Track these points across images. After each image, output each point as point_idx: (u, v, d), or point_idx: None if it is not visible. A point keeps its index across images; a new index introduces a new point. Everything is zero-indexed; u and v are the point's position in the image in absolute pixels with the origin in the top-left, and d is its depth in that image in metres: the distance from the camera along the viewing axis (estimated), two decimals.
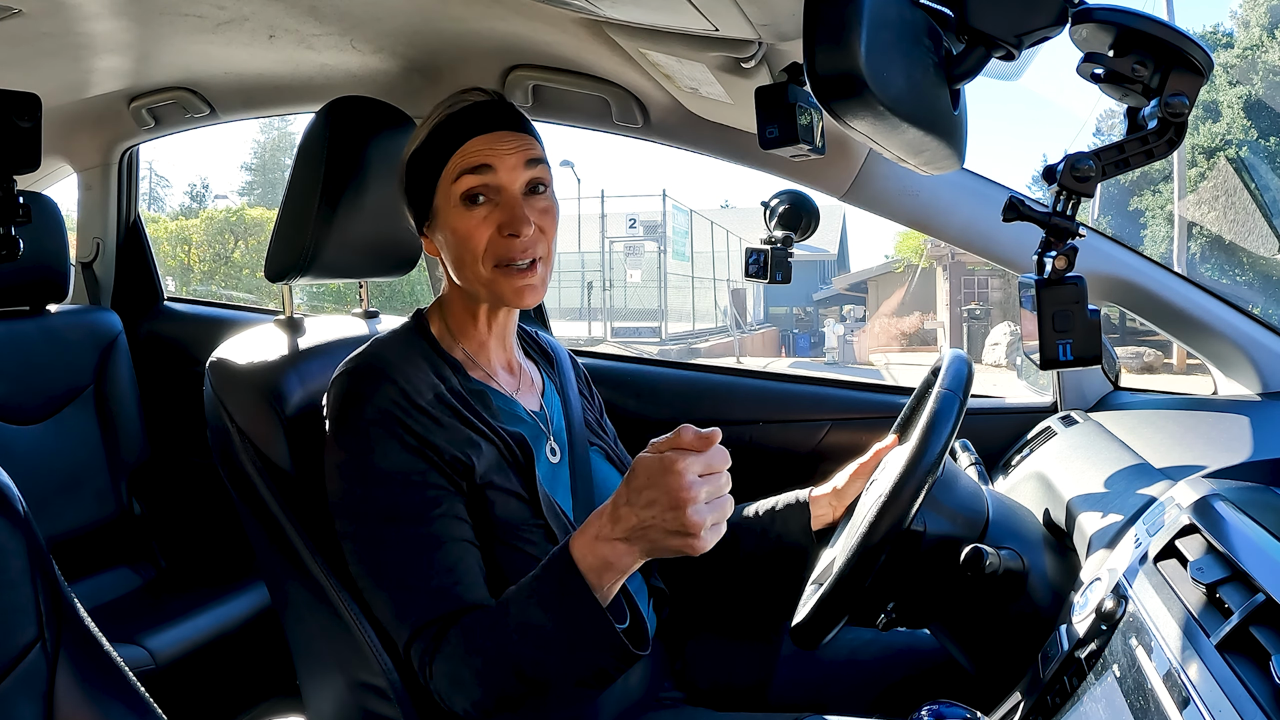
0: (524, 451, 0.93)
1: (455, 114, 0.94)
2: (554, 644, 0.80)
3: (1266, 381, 1.23)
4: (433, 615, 0.84)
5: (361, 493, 0.88)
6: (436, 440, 0.88)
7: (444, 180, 0.93)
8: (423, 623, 0.85)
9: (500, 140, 0.92)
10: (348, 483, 0.89)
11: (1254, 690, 0.56)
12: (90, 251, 2.01)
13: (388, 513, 0.87)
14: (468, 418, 0.92)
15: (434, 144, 0.94)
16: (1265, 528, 0.71)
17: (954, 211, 1.34)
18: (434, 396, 0.90)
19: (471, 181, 0.91)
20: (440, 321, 1.00)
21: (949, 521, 0.91)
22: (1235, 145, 11.57)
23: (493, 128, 0.93)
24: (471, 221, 0.91)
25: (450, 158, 0.92)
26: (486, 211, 0.91)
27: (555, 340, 1.18)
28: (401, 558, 0.86)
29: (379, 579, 0.87)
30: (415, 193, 0.96)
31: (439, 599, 0.85)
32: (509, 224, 0.91)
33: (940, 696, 0.72)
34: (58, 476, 1.71)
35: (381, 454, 0.87)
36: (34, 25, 1.27)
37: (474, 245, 0.91)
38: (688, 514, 0.74)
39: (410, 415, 0.88)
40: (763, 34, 0.93)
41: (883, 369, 13.36)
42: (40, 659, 0.62)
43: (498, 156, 0.91)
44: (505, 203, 0.92)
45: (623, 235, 14.85)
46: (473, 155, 0.91)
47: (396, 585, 0.86)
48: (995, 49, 0.67)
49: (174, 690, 1.44)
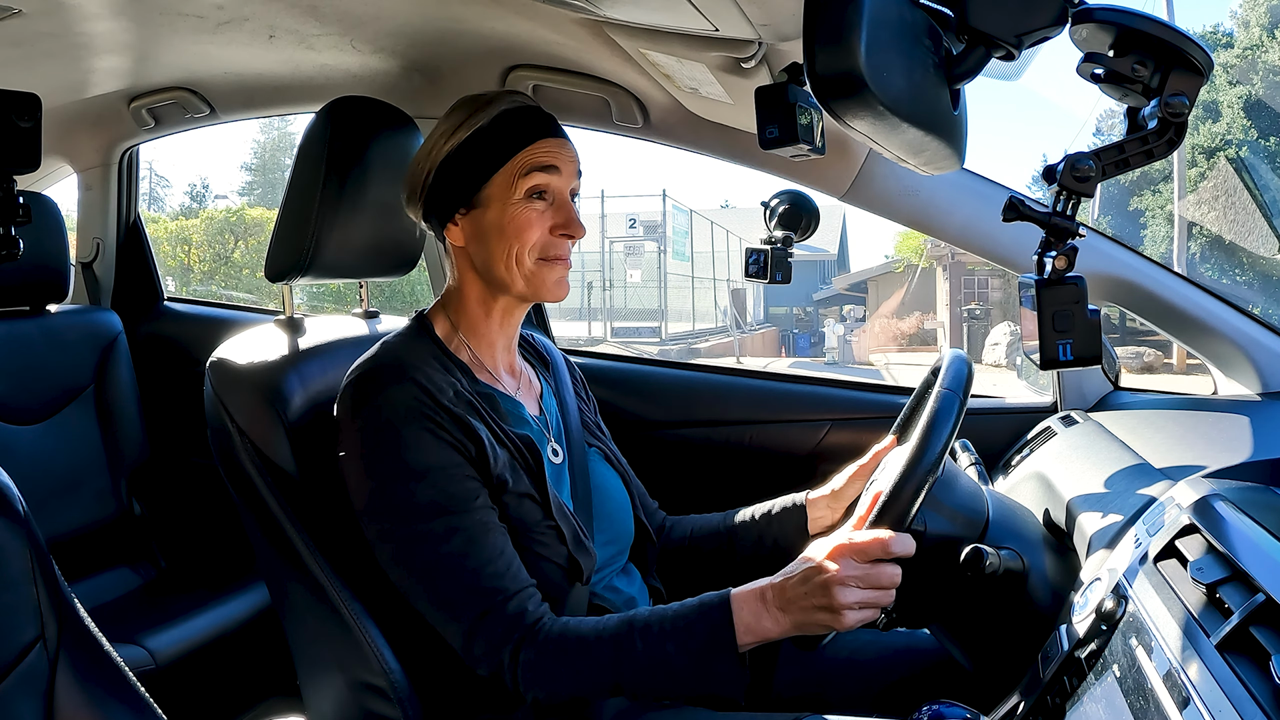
0: (533, 454, 0.94)
1: (524, 110, 0.96)
2: (676, 680, 0.84)
3: (1266, 381, 1.23)
4: (492, 602, 0.86)
5: (398, 491, 0.87)
6: (462, 436, 0.89)
7: (507, 171, 0.94)
8: (483, 610, 0.86)
9: (564, 147, 0.97)
10: (380, 481, 0.88)
11: (1254, 690, 0.56)
12: (90, 251, 2.01)
13: (431, 508, 0.87)
14: (484, 420, 0.92)
15: (501, 134, 0.94)
16: (1265, 528, 0.71)
17: (954, 211, 1.34)
18: (454, 394, 0.91)
19: (541, 179, 0.95)
20: (446, 321, 1.00)
21: (949, 521, 0.91)
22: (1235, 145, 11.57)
23: (558, 134, 0.98)
24: (531, 214, 0.94)
25: (520, 151, 0.94)
26: (545, 208, 0.95)
27: (550, 343, 1.18)
28: (452, 549, 0.86)
29: (429, 574, 0.87)
30: (459, 178, 0.95)
31: (497, 583, 0.86)
32: (565, 225, 0.95)
33: (940, 696, 0.72)
34: (57, 476, 1.71)
35: (416, 450, 0.87)
36: (34, 25, 1.27)
37: (528, 237, 0.94)
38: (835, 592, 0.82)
39: (437, 412, 0.88)
40: (763, 34, 0.93)
41: (883, 369, 13.36)
42: (40, 659, 0.62)
43: (563, 161, 0.96)
44: (561, 204, 0.96)
45: (623, 235, 14.83)
46: (544, 154, 0.95)
47: (450, 577, 0.86)
48: (995, 49, 0.67)
49: (174, 690, 1.44)
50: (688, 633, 0.85)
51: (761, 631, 0.84)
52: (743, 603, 0.85)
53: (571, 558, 0.93)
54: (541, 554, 0.91)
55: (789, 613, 0.84)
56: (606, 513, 1.03)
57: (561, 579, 0.93)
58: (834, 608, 0.82)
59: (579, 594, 0.95)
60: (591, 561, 0.95)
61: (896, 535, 0.84)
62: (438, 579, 0.87)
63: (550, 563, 0.92)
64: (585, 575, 0.94)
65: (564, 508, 0.95)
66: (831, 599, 0.82)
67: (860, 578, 0.82)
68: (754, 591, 0.86)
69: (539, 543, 0.92)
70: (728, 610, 0.85)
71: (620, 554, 1.05)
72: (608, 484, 1.06)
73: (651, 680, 0.85)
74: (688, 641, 0.84)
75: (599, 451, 1.09)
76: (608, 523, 1.03)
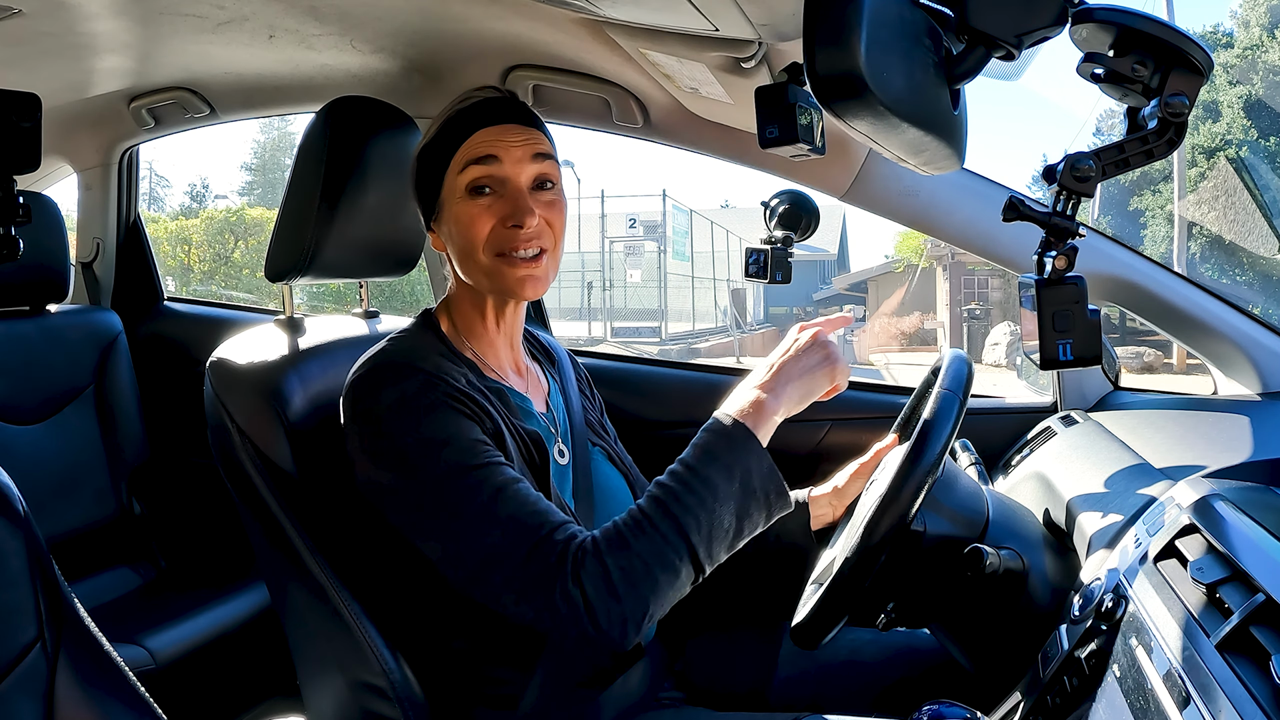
0: (540, 451, 0.93)
1: (465, 108, 0.94)
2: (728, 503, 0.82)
3: (1266, 381, 1.23)
4: (538, 536, 0.80)
5: (421, 464, 0.83)
6: (479, 411, 0.87)
7: (450, 172, 0.93)
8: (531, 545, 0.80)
9: (507, 132, 0.92)
10: (399, 461, 0.84)
11: (1254, 690, 0.56)
12: (90, 251, 2.01)
13: (457, 468, 0.82)
14: (494, 411, 0.90)
15: (442, 137, 0.94)
16: (1265, 528, 0.71)
17: (954, 211, 1.34)
18: (465, 383, 0.89)
19: (477, 172, 0.91)
20: (449, 321, 0.99)
21: (949, 521, 0.91)
22: (1235, 145, 11.57)
23: (500, 120, 0.93)
24: (474, 210, 0.91)
25: (457, 149, 0.93)
26: (490, 202, 0.91)
27: (555, 340, 1.18)
28: (487, 499, 0.81)
29: (468, 529, 0.82)
30: (424, 187, 0.96)
31: (538, 519, 0.81)
32: (512, 215, 0.90)
33: (940, 696, 0.72)
34: (57, 476, 1.71)
35: (432, 424, 0.84)
36: (34, 25, 1.27)
37: (476, 234, 0.91)
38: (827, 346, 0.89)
39: (451, 392, 0.86)
40: (763, 34, 0.93)
41: (883, 369, 13.34)
42: (40, 659, 0.62)
43: (504, 148, 0.92)
44: (510, 194, 0.91)
45: (623, 235, 14.84)
46: (479, 146, 0.92)
47: (491, 524, 0.81)
48: (995, 49, 0.67)
49: (174, 690, 1.44)
50: (709, 453, 0.83)
51: (769, 411, 0.86)
52: (735, 402, 0.87)
53: None
54: None
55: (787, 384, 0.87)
56: (609, 513, 1.02)
57: None
58: (831, 357, 0.88)
59: None
60: None
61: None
62: (478, 532, 0.82)
63: None
64: None
65: (567, 507, 0.94)
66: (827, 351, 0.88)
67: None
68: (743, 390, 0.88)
69: None
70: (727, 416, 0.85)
71: None
72: (610, 484, 1.05)
73: (710, 520, 0.81)
74: (715, 459, 0.83)
75: (602, 451, 1.08)
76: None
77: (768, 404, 0.86)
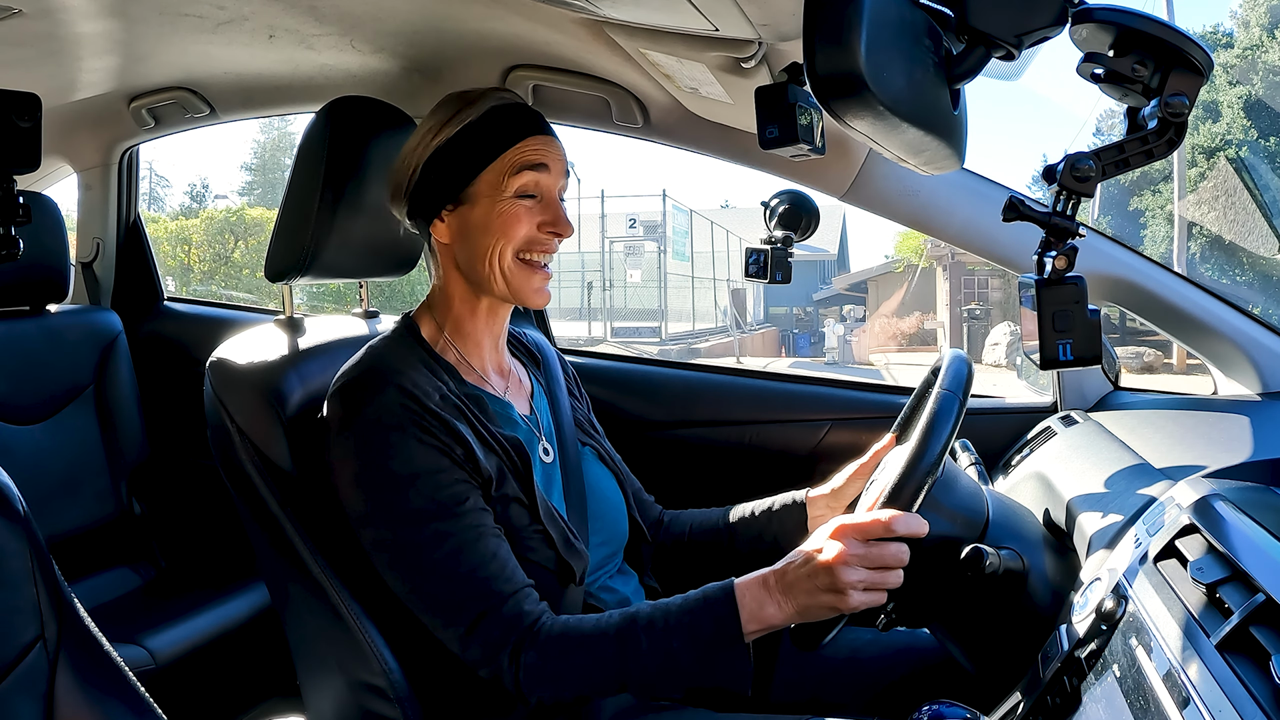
0: (521, 457, 0.93)
1: (514, 108, 0.96)
2: (683, 674, 0.84)
3: (1266, 381, 1.23)
4: (487, 605, 0.85)
5: (388, 499, 0.87)
6: (449, 440, 0.88)
7: (497, 168, 0.94)
8: (478, 614, 0.85)
9: (552, 145, 0.97)
10: (369, 491, 0.88)
11: (1254, 690, 0.56)
12: (90, 251, 2.01)
13: (421, 513, 0.86)
14: (470, 422, 0.92)
15: (492, 129, 0.94)
16: (1265, 528, 0.71)
17: (954, 211, 1.34)
18: (440, 398, 0.90)
19: (531, 177, 0.94)
20: (432, 322, 0.99)
21: (949, 521, 0.91)
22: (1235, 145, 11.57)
23: (547, 131, 0.97)
24: (519, 210, 0.94)
25: (510, 147, 0.94)
26: (532, 205, 0.95)
27: (543, 339, 1.18)
28: (445, 554, 0.86)
29: (424, 579, 0.86)
30: (448, 173, 0.95)
31: (493, 586, 0.85)
32: (554, 223, 0.95)
33: (940, 696, 0.72)
34: (58, 476, 1.71)
35: (401, 456, 0.86)
36: (34, 25, 1.27)
37: (515, 232, 0.94)
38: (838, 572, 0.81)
39: (422, 417, 0.87)
40: (763, 34, 0.93)
41: (883, 369, 13.36)
42: (40, 659, 0.62)
43: (553, 160, 0.96)
44: (549, 202, 0.96)
45: (623, 235, 14.83)
46: (534, 152, 0.95)
47: (444, 582, 0.86)
48: (995, 49, 0.67)
49: (174, 690, 1.44)
50: (693, 627, 0.84)
51: (766, 619, 0.83)
52: (746, 591, 0.84)
53: (561, 560, 0.92)
54: (530, 558, 0.91)
55: (793, 597, 0.83)
56: (600, 513, 1.03)
57: (552, 582, 0.93)
58: (838, 587, 0.81)
59: (574, 595, 0.94)
60: (583, 563, 0.95)
61: (902, 514, 0.83)
62: (432, 585, 0.86)
63: (540, 566, 0.92)
64: (578, 576, 0.94)
65: (553, 511, 0.94)
66: (835, 579, 0.81)
67: (863, 556, 0.81)
68: (756, 579, 0.85)
69: (527, 546, 0.91)
70: (732, 600, 0.84)
71: (615, 555, 1.05)
72: (601, 484, 1.06)
73: (658, 677, 0.84)
74: (694, 635, 0.83)
75: (592, 450, 1.08)
76: (601, 524, 1.02)
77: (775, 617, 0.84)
